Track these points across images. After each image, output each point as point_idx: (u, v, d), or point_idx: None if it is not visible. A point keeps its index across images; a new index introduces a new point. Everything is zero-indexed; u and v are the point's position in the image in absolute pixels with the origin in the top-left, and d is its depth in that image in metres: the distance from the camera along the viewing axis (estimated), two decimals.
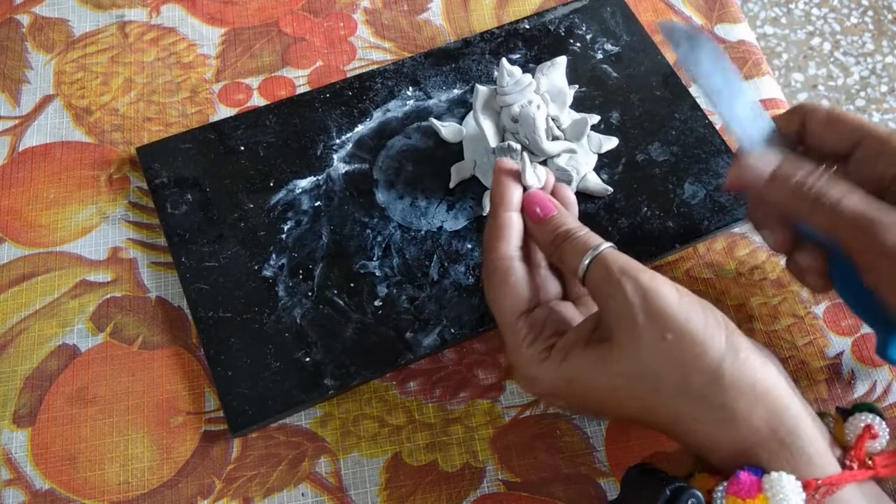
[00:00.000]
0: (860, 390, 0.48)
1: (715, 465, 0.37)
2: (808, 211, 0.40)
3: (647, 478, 0.38)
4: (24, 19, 0.61)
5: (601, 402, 0.39)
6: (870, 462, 0.37)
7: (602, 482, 0.45)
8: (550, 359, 0.39)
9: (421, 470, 0.45)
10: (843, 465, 0.37)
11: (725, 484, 0.36)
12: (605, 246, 0.39)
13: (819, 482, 0.35)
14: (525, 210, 0.42)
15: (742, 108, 0.43)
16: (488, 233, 0.42)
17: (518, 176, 0.42)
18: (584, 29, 0.59)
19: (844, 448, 0.38)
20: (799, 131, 0.44)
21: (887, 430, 0.38)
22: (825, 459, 0.36)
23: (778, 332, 0.49)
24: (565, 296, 0.44)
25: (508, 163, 0.43)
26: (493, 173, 0.43)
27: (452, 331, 0.48)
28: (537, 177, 0.43)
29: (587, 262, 0.39)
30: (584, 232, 0.40)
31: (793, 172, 0.40)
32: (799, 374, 0.48)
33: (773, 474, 0.35)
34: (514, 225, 0.42)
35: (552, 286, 0.44)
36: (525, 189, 0.43)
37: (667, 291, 0.37)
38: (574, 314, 0.42)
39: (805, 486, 0.35)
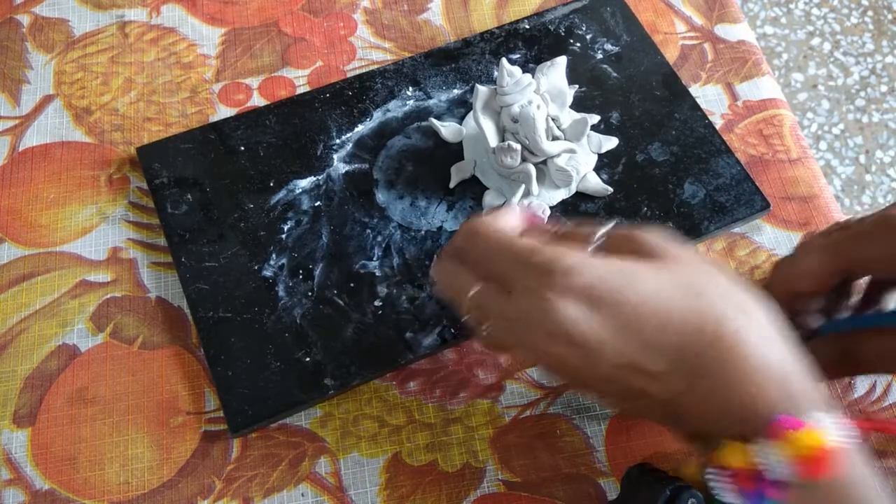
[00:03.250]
0: (860, 390, 0.48)
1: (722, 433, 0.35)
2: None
3: (647, 478, 0.38)
4: (24, 19, 0.61)
5: (636, 307, 0.35)
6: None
7: (602, 482, 0.45)
8: (592, 255, 0.37)
9: (421, 470, 0.45)
10: None
11: (764, 438, 0.33)
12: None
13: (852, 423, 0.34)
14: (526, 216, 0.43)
15: None
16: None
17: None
18: (584, 29, 0.59)
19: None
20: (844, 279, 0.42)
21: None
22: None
23: None
24: None
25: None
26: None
27: (452, 331, 0.48)
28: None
29: (605, 229, 0.39)
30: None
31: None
32: None
33: (814, 412, 0.34)
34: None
35: None
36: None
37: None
38: None
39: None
